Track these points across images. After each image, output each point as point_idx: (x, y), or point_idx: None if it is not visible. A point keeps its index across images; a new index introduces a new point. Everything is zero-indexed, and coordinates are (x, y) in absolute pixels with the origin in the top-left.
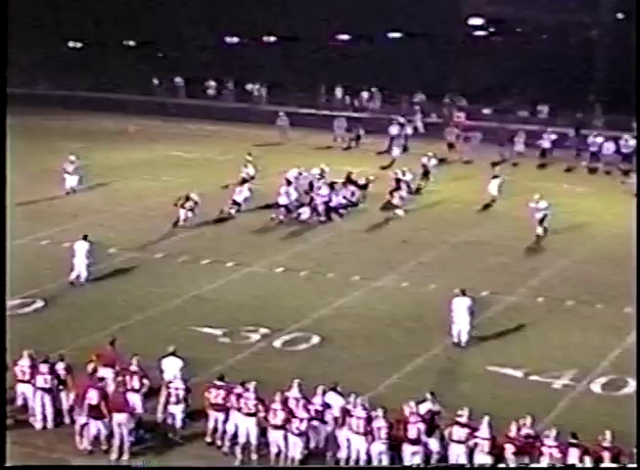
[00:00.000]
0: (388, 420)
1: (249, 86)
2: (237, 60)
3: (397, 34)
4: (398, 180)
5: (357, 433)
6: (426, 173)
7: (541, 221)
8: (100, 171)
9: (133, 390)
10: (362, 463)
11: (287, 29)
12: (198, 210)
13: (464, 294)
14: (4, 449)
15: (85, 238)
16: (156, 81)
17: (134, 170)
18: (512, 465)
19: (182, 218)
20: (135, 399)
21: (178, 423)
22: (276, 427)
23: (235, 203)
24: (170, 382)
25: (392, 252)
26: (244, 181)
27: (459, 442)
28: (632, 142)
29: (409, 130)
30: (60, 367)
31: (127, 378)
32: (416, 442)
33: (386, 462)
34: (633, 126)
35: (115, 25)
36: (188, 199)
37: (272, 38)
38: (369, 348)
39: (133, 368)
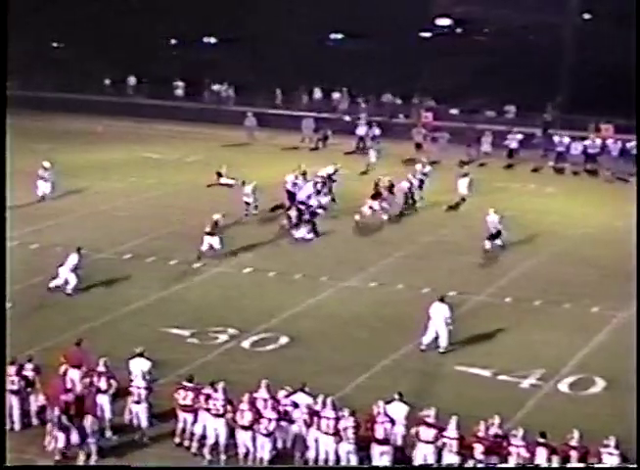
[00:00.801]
0: (355, 420)
1: (215, 87)
2: (203, 60)
3: (364, 35)
4: (389, 187)
5: (326, 433)
6: (421, 183)
7: (493, 237)
8: (68, 172)
9: (100, 391)
10: (331, 463)
11: (253, 30)
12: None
13: (442, 300)
14: (4, 450)
15: (78, 250)
16: (107, 82)
17: (102, 172)
18: (480, 465)
19: (213, 247)
20: (103, 401)
21: (143, 423)
22: (244, 428)
23: (250, 205)
24: (132, 381)
25: (361, 252)
26: (219, 176)
27: (427, 442)
28: (598, 142)
29: (377, 131)
30: (28, 368)
31: (95, 379)
32: (384, 442)
33: (354, 462)
34: (601, 127)
35: (83, 26)
36: (217, 224)
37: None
38: (337, 348)
39: (100, 369)
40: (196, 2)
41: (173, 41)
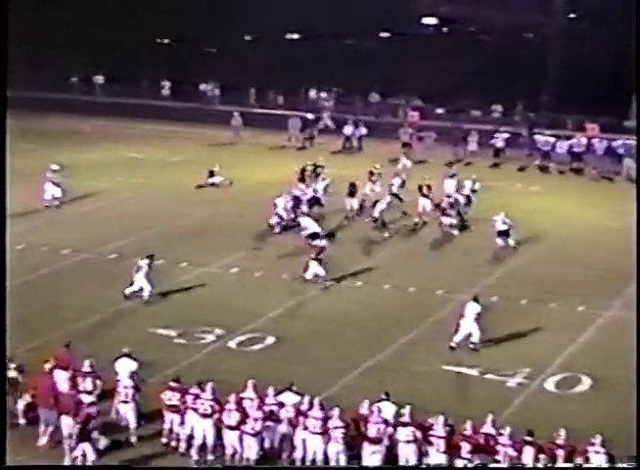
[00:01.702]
0: (344, 420)
1: (202, 86)
2: (192, 60)
3: (350, 35)
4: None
5: (314, 433)
6: (468, 199)
7: (502, 234)
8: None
9: (86, 392)
10: (319, 463)
11: (241, 29)
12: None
13: (476, 300)
14: (4, 449)
15: (149, 257)
16: (74, 79)
17: (88, 171)
18: (470, 465)
19: (317, 274)
20: (88, 401)
21: (132, 424)
22: (231, 428)
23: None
24: (118, 381)
25: (347, 252)
26: (211, 174)
27: (406, 441)
28: (584, 141)
29: (363, 130)
30: (11, 368)
31: (80, 380)
32: (376, 441)
33: (343, 462)
34: (586, 126)
35: (61, 25)
36: (321, 252)
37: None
38: (324, 347)
39: (86, 370)
40: (182, 2)
41: (160, 41)
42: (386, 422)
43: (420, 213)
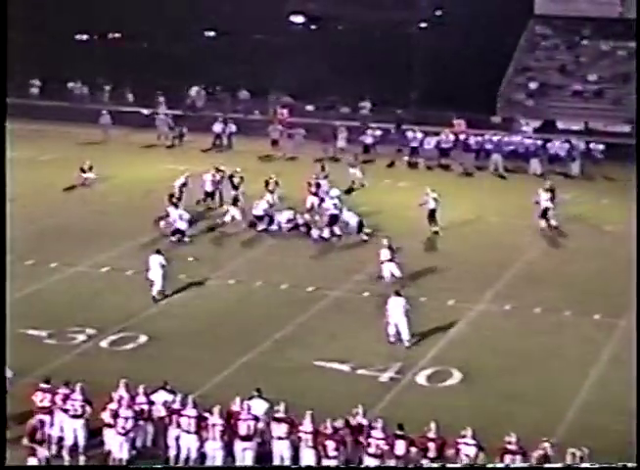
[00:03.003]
0: (223, 418)
1: (70, 84)
2: (61, 58)
3: (220, 31)
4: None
5: (188, 432)
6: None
7: (432, 216)
8: None
9: None
10: (192, 462)
11: (111, 26)
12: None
13: (398, 294)
14: (4, 449)
15: (158, 252)
16: None
17: None
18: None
19: (394, 274)
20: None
21: None
22: (108, 426)
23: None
24: None
25: (218, 250)
26: (82, 171)
27: (280, 438)
28: (451, 137)
29: (233, 128)
30: None
31: None
32: (247, 438)
33: (219, 459)
34: (454, 122)
35: None
36: (392, 250)
37: (85, 36)
38: (197, 346)
39: None
40: None
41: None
42: (256, 419)
43: (309, 210)
